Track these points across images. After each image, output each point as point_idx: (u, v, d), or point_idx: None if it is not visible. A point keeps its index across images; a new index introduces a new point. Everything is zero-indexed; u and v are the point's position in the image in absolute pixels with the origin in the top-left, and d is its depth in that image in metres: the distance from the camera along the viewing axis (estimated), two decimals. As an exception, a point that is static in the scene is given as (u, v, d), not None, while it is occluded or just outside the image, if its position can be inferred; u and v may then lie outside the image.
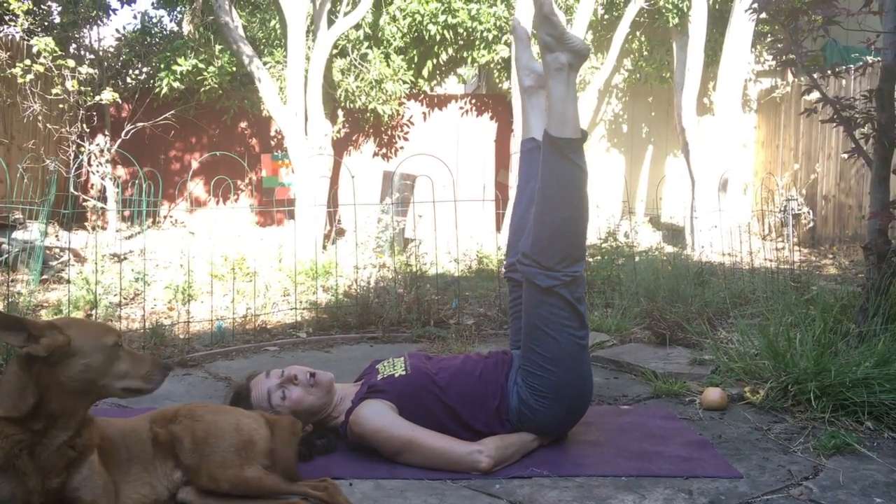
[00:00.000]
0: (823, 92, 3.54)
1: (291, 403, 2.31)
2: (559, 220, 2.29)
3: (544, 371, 2.31)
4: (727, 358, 3.19)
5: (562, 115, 2.32)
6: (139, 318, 4.46)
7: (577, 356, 2.33)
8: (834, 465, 2.24)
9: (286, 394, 2.32)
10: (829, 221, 9.35)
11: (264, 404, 2.31)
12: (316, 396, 2.34)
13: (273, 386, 2.33)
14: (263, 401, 2.32)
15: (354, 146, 11.26)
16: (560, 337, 2.30)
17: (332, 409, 2.40)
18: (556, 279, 2.29)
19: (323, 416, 2.39)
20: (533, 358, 2.33)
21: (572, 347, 2.31)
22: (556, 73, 2.36)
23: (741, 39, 8.85)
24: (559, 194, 2.29)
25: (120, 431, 1.92)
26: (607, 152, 12.03)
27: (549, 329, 2.30)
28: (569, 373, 2.31)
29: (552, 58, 2.37)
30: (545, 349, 2.31)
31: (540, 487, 2.11)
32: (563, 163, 2.29)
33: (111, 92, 8.71)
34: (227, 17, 8.20)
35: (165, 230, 9.75)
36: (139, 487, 1.87)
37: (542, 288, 2.30)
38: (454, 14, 10.02)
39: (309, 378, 2.34)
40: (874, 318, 3.10)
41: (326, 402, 2.37)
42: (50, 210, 6.21)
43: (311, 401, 2.33)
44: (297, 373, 2.35)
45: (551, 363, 2.30)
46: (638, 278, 4.98)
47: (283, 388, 2.33)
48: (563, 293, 2.29)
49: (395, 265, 5.76)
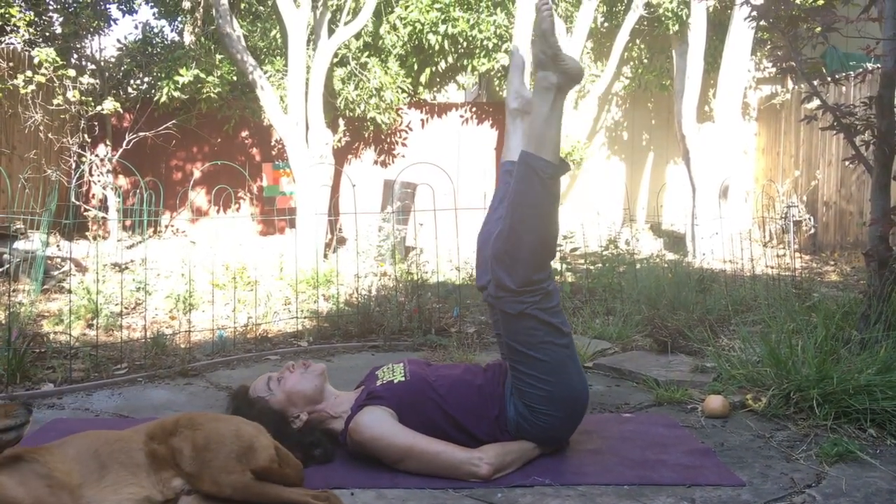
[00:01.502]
0: (823, 99, 3.55)
1: (286, 387, 2.41)
2: (526, 243, 2.27)
3: (535, 388, 2.30)
4: (729, 365, 3.18)
5: (541, 136, 2.31)
6: (140, 328, 4.47)
7: (564, 364, 2.32)
8: (836, 473, 2.24)
9: (281, 380, 2.44)
10: (830, 228, 9.34)
11: (262, 388, 2.43)
12: (309, 380, 2.44)
13: (272, 375, 2.48)
14: (262, 385, 2.44)
15: (355, 155, 11.27)
16: (543, 354, 2.30)
17: (327, 406, 2.43)
18: (524, 302, 2.28)
19: (318, 407, 2.42)
20: (521, 377, 2.33)
21: (558, 358, 2.31)
22: (543, 92, 2.35)
23: (741, 47, 8.86)
24: (528, 215, 2.27)
25: (89, 444, 1.95)
26: (608, 160, 12.04)
27: (530, 350, 2.30)
28: (560, 382, 2.31)
29: (542, 76, 2.36)
30: (531, 367, 2.30)
31: (542, 496, 2.10)
32: (534, 183, 2.26)
33: (112, 102, 8.73)
34: (229, 27, 8.22)
35: (167, 240, 9.76)
36: (120, 489, 1.89)
37: (513, 315, 2.30)
38: (454, 23, 10.05)
39: (303, 366, 2.48)
40: (876, 324, 3.10)
41: (319, 386, 2.44)
42: (51, 220, 6.22)
43: (304, 384, 2.42)
44: (292, 363, 2.51)
45: (541, 379, 2.30)
46: (639, 286, 4.97)
47: (280, 376, 2.46)
48: (535, 313, 2.28)
49: (397, 273, 5.76)
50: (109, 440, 1.98)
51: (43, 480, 1.78)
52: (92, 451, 1.92)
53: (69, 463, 1.88)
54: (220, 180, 10.25)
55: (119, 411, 2.99)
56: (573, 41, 9.88)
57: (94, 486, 1.86)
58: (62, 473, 1.83)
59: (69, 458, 1.89)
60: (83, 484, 1.85)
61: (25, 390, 3.18)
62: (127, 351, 3.90)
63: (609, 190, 11.39)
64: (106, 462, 1.91)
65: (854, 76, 8.43)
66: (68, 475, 1.84)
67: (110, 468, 1.90)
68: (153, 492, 1.92)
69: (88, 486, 1.85)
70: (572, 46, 9.85)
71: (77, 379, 3.39)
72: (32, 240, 6.18)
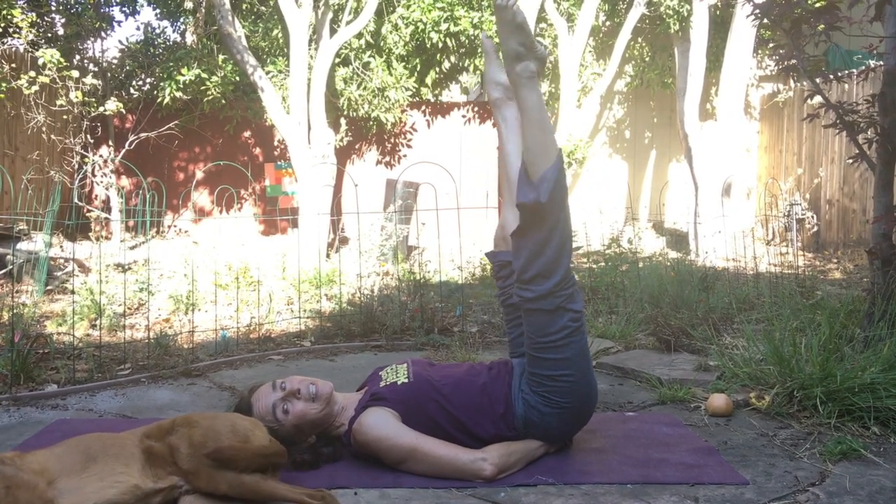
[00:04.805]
0: (826, 97, 3.54)
1: (294, 418, 2.30)
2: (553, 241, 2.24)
3: (558, 381, 2.29)
4: (732, 364, 3.18)
5: (541, 125, 2.27)
6: (143, 328, 4.47)
7: (585, 353, 2.32)
8: (840, 471, 2.23)
9: (288, 408, 2.30)
10: (833, 226, 9.33)
11: (268, 418, 2.29)
12: (318, 409, 2.32)
13: (277, 400, 2.31)
14: (267, 415, 2.30)
15: (357, 154, 11.27)
16: (571, 343, 2.29)
17: (334, 419, 2.39)
18: (559, 296, 2.27)
19: (326, 426, 2.39)
20: (543, 371, 2.30)
21: (581, 346, 2.31)
22: (527, 83, 2.33)
23: (743, 45, 8.85)
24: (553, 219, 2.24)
25: (80, 442, 1.95)
26: (610, 158, 12.03)
27: (560, 342, 2.28)
28: (581, 371, 2.30)
29: (522, 67, 2.34)
30: (558, 361, 2.28)
31: (545, 495, 2.10)
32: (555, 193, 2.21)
33: (115, 102, 8.74)
34: (230, 28, 8.23)
35: (169, 240, 9.77)
36: (106, 477, 1.87)
37: (549, 310, 2.27)
38: (456, 22, 10.05)
39: (311, 390, 2.33)
40: (880, 322, 3.09)
41: (328, 413, 2.36)
42: (54, 221, 6.22)
43: (313, 414, 2.32)
44: (298, 386, 2.33)
45: (563, 367, 2.28)
46: (642, 284, 4.97)
47: (285, 401, 2.31)
48: (569, 306, 2.28)
49: (399, 273, 5.76)
50: (104, 438, 1.99)
51: (2, 482, 1.75)
52: (82, 448, 1.92)
53: (50, 461, 1.86)
54: (222, 180, 10.28)
55: (122, 412, 3.00)
56: (575, 39, 9.87)
57: (73, 476, 1.84)
58: (32, 473, 1.81)
59: (51, 457, 1.88)
60: (60, 477, 1.83)
61: (29, 391, 3.18)
62: (130, 351, 3.91)
63: (611, 188, 11.39)
64: (95, 455, 1.90)
65: (857, 74, 8.42)
66: (41, 473, 1.82)
67: (99, 460, 1.90)
68: (144, 480, 1.90)
69: (66, 477, 1.84)
70: (574, 45, 9.85)
71: (80, 379, 3.39)
72: (36, 241, 6.19)
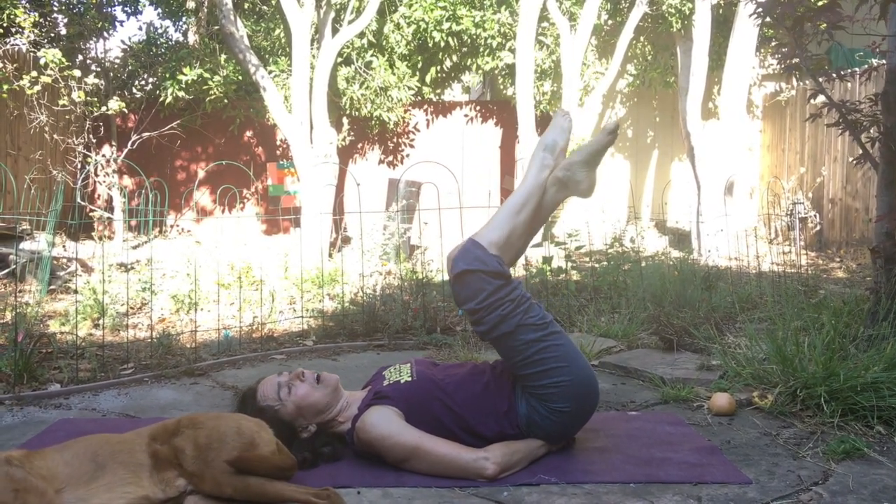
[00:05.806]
0: (829, 96, 3.54)
1: (297, 398, 2.34)
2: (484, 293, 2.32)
3: (547, 387, 2.29)
4: (735, 363, 3.17)
5: (514, 210, 2.44)
6: (146, 328, 4.48)
7: (568, 354, 2.32)
8: (844, 470, 2.23)
9: (292, 389, 2.35)
10: (835, 225, 9.31)
11: (271, 397, 2.34)
12: (322, 393, 2.36)
13: (281, 381, 2.38)
14: (271, 393, 2.35)
15: (360, 154, 11.28)
16: (544, 353, 2.29)
17: (337, 414, 2.40)
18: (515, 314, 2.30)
19: (328, 417, 2.39)
20: (531, 383, 2.32)
21: (559, 352, 2.30)
22: (543, 169, 2.54)
23: (745, 44, 8.84)
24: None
25: (88, 447, 1.94)
26: (612, 157, 12.01)
27: (534, 355, 2.29)
28: (569, 374, 2.29)
29: (565, 165, 2.54)
30: (538, 367, 2.29)
31: (548, 494, 2.10)
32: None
33: (117, 102, 8.75)
34: (233, 27, 8.23)
35: (172, 239, 9.78)
36: (115, 487, 1.87)
37: (510, 332, 2.30)
38: (458, 21, 10.04)
39: (314, 377, 2.39)
40: (883, 321, 3.09)
41: (332, 401, 2.38)
42: (57, 220, 6.23)
43: (316, 397, 2.35)
44: (304, 371, 2.40)
45: (551, 376, 2.29)
46: (644, 283, 4.96)
47: (290, 384, 2.37)
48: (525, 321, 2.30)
49: (401, 272, 5.76)
50: (111, 442, 1.98)
51: (11, 485, 1.75)
52: (90, 454, 1.91)
53: (58, 467, 1.86)
54: (224, 180, 10.29)
55: (125, 411, 3.00)
56: (577, 39, 9.86)
57: (82, 486, 1.84)
58: (41, 478, 1.81)
59: (60, 462, 1.88)
60: (68, 486, 1.83)
61: (32, 391, 3.19)
62: (133, 351, 3.92)
63: (613, 187, 11.37)
64: (104, 463, 1.90)
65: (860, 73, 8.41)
66: (50, 479, 1.82)
67: (108, 468, 1.89)
68: (153, 490, 1.91)
69: (75, 487, 1.84)
70: (577, 44, 9.84)
71: (83, 379, 3.40)
72: (38, 240, 6.20)
